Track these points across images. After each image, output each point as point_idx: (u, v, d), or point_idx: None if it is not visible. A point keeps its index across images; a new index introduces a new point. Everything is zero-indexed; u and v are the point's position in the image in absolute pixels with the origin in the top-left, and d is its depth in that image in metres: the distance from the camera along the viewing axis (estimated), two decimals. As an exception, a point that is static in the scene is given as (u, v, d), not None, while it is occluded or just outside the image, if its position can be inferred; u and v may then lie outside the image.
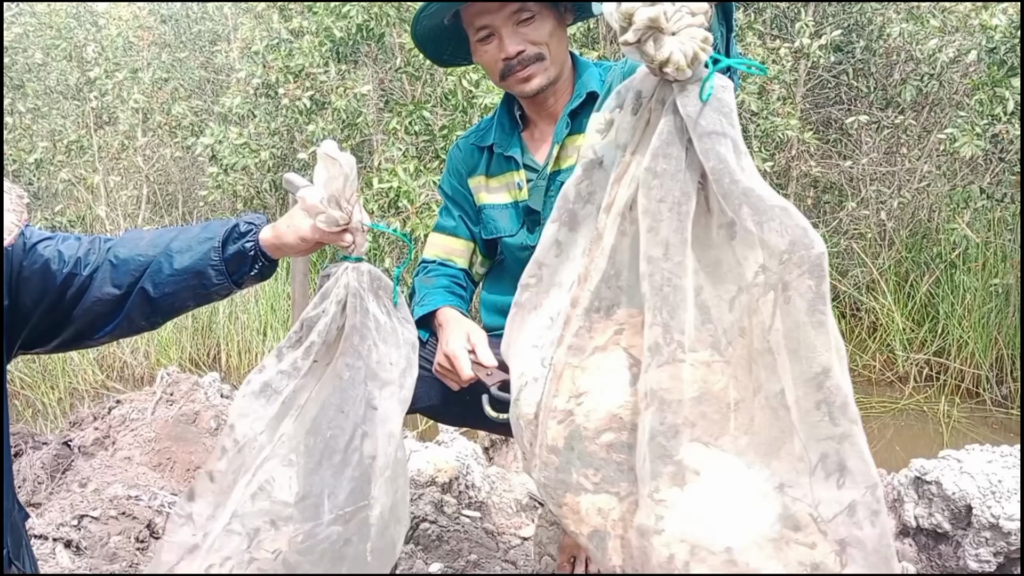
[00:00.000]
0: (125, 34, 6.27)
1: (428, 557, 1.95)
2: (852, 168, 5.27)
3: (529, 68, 1.58)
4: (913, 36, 4.77)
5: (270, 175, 5.78)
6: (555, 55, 1.60)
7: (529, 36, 1.57)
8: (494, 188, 1.75)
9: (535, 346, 1.11)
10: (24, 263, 1.22)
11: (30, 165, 5.48)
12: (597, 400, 1.02)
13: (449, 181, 1.82)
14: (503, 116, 1.74)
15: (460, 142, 1.82)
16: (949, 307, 4.72)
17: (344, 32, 4.89)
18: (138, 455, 2.44)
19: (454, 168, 1.80)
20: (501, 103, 1.76)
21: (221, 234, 1.28)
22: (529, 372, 1.11)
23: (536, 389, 1.09)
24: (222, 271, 1.27)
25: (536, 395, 1.08)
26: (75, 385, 4.43)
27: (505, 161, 1.72)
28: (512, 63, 1.57)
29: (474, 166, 1.77)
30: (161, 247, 1.28)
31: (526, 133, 1.72)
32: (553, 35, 1.59)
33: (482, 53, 1.62)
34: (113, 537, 2.02)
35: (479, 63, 1.67)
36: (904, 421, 4.30)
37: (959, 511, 2.11)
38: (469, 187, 1.78)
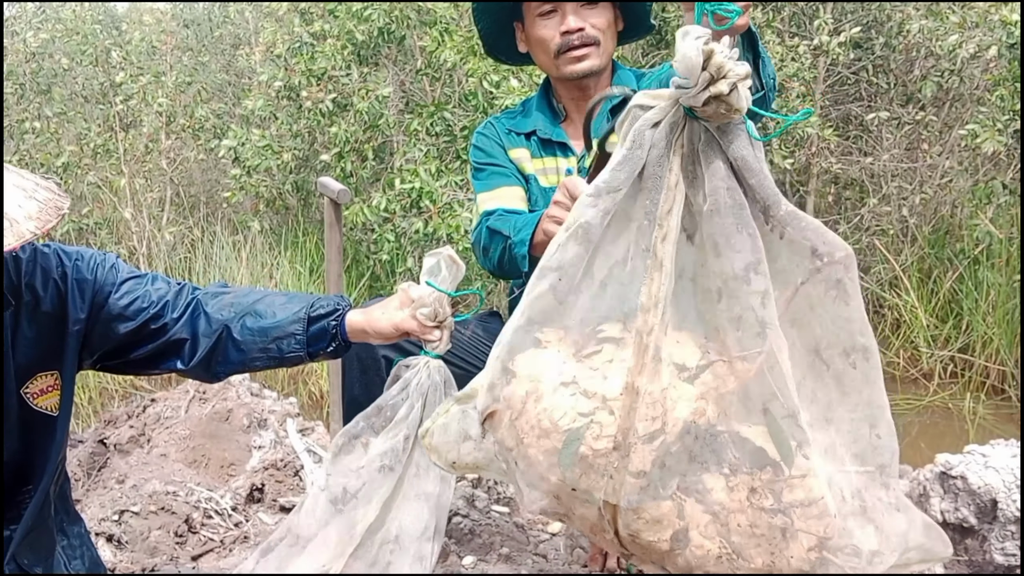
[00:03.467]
0: (149, 39, 6.36)
1: (461, 550, 1.99)
2: (873, 164, 5.26)
3: (585, 48, 1.65)
4: (933, 32, 4.75)
5: (292, 176, 5.85)
6: (606, 47, 1.68)
7: (590, 19, 1.65)
8: (538, 169, 1.77)
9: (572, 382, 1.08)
10: (112, 296, 1.30)
11: (58, 168, 5.58)
12: (673, 414, 1.05)
13: (488, 152, 1.81)
14: (543, 106, 1.78)
15: (491, 123, 1.83)
16: (973, 303, 4.70)
17: (366, 35, 4.94)
18: (173, 452, 2.49)
19: (491, 143, 1.81)
20: (539, 95, 1.81)
21: (308, 308, 1.35)
22: (577, 409, 1.06)
23: (606, 423, 1.05)
24: (302, 342, 1.34)
25: (609, 429, 1.04)
26: (104, 385, 4.51)
27: (549, 146, 1.76)
28: (571, 38, 1.65)
29: (513, 144, 1.80)
30: (246, 305, 1.36)
31: (565, 123, 1.76)
32: (608, 29, 1.68)
33: (541, 27, 1.68)
34: (153, 532, 2.07)
35: (534, 39, 1.71)
36: (929, 418, 4.29)
37: (984, 505, 2.12)
38: (511, 158, 1.80)
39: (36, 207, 1.06)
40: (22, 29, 6.07)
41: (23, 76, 6.01)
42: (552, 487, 1.10)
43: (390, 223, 4.72)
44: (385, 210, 4.61)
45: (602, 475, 1.05)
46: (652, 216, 1.05)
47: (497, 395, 1.13)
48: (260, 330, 1.33)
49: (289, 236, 6.07)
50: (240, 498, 2.32)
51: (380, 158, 5.37)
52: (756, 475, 1.05)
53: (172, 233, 5.86)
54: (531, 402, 1.09)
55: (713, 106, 0.98)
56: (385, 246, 4.70)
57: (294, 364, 1.40)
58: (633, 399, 1.04)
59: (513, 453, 1.12)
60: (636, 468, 1.04)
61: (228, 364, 1.36)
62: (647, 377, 1.04)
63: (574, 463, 1.06)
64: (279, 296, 1.39)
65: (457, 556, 1.97)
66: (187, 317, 1.33)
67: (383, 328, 1.35)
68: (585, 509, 1.09)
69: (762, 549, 1.05)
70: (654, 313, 1.05)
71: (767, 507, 1.04)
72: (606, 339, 1.08)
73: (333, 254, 2.17)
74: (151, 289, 1.33)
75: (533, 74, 4.43)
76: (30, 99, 6.03)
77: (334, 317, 1.35)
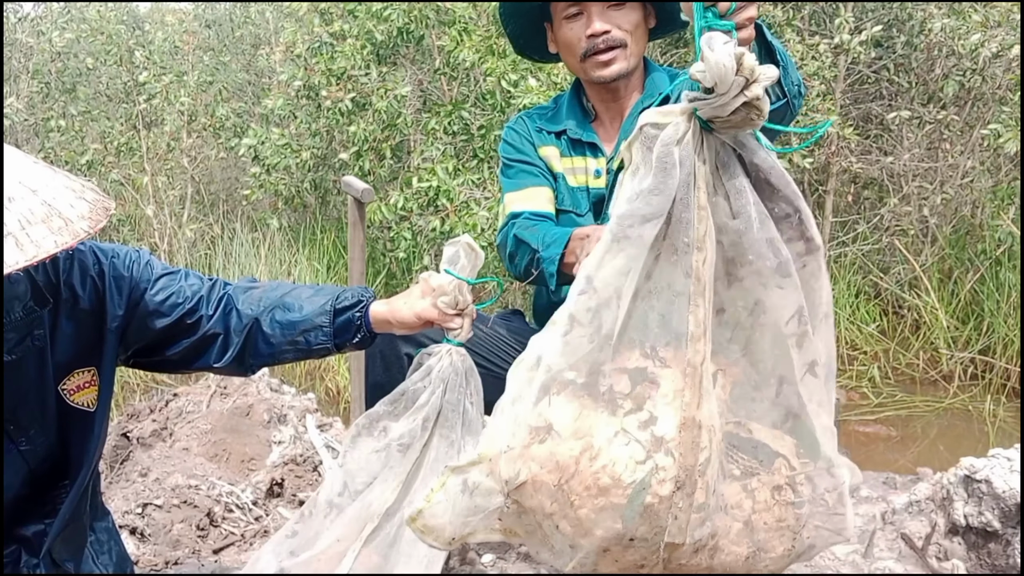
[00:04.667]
0: (171, 39, 6.43)
1: (480, 548, 2.00)
2: (893, 164, 5.22)
3: (611, 52, 1.63)
4: (955, 31, 4.71)
5: (310, 175, 5.89)
6: (634, 48, 1.65)
7: (617, 21, 1.63)
8: (567, 168, 1.76)
9: (621, 431, 1.01)
10: (148, 292, 1.33)
11: (82, 166, 5.65)
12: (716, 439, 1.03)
13: (518, 148, 1.79)
14: (574, 105, 1.77)
15: (522, 120, 1.82)
16: (994, 304, 4.65)
17: (385, 35, 4.97)
18: (195, 446, 2.52)
19: (522, 139, 1.80)
20: (570, 94, 1.79)
21: (334, 300, 1.37)
22: (635, 459, 1.00)
23: (666, 466, 0.99)
24: (329, 334, 1.36)
25: (671, 471, 0.99)
26: (127, 379, 4.56)
27: (579, 146, 1.75)
28: (597, 42, 1.63)
29: (543, 142, 1.78)
30: (275, 299, 1.38)
31: (595, 124, 1.76)
32: (637, 29, 1.65)
33: (567, 30, 1.66)
34: (176, 525, 2.10)
35: (561, 41, 1.70)
36: (948, 420, 4.25)
37: (1009, 509, 2.11)
38: (540, 155, 1.78)
39: (87, 207, 1.07)
40: (48, 29, 6.15)
41: (49, 75, 6.09)
42: (601, 542, 1.02)
43: (407, 221, 4.74)
44: (402, 208, 4.63)
45: (665, 518, 1.00)
46: (689, 239, 1.00)
47: (532, 460, 1.04)
48: (288, 323, 1.35)
49: (307, 234, 6.12)
50: (260, 492, 2.34)
51: (398, 157, 5.39)
52: (776, 472, 1.06)
53: (193, 230, 5.92)
54: (585, 461, 1.01)
55: (743, 112, 0.96)
56: (402, 244, 4.72)
57: (322, 356, 1.42)
58: (695, 434, 0.99)
59: (554, 517, 1.04)
60: (699, 503, 1.00)
61: (259, 357, 1.38)
62: (703, 409, 1.00)
63: (639, 514, 0.99)
64: (306, 289, 1.41)
65: (476, 554, 1.99)
66: (220, 313, 1.36)
67: (406, 317, 1.35)
68: (635, 555, 1.04)
69: (785, 538, 1.06)
70: (704, 341, 1.00)
71: (793, 500, 1.05)
72: (651, 376, 1.01)
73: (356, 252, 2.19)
74: (185, 285, 1.35)
75: (551, 73, 4.43)
76: (55, 98, 6.12)
77: (359, 308, 1.37)
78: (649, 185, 1.00)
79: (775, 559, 1.08)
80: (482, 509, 1.09)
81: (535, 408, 1.04)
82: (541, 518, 1.05)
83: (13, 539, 1.29)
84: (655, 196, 0.99)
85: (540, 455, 1.03)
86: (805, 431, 1.05)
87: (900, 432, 4.11)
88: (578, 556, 1.04)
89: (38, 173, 1.07)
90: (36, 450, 1.26)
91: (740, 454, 1.07)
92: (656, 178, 0.99)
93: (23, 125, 6.19)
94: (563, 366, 1.03)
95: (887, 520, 2.31)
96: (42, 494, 1.30)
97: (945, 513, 2.23)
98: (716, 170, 1.02)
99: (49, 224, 1.02)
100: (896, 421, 4.20)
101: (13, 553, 1.29)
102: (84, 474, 1.32)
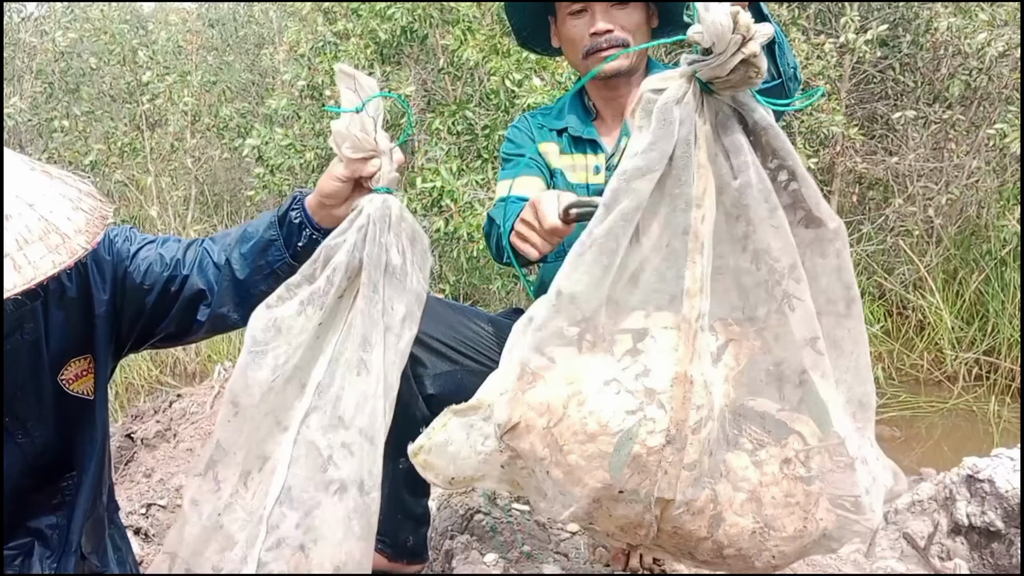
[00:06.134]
0: (175, 39, 6.44)
1: (483, 547, 2.00)
2: (898, 164, 5.21)
3: (613, 50, 1.64)
4: (961, 30, 4.69)
5: (314, 175, 5.89)
6: (636, 47, 1.66)
7: (620, 20, 1.64)
8: (567, 164, 1.78)
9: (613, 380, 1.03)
10: (129, 268, 1.31)
11: (86, 167, 5.66)
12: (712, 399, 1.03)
13: (518, 144, 1.81)
14: (576, 104, 1.79)
15: (525, 119, 1.85)
16: (999, 305, 4.63)
17: (388, 34, 4.97)
18: (199, 447, 2.53)
19: (523, 136, 1.82)
20: (572, 93, 1.82)
21: (277, 211, 1.33)
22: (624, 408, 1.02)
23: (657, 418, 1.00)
24: (280, 245, 1.30)
25: (661, 424, 1.00)
26: (131, 380, 4.58)
27: (580, 143, 1.77)
28: (600, 40, 1.64)
29: (544, 138, 1.80)
30: (238, 234, 1.35)
31: (597, 122, 1.77)
32: (639, 29, 1.67)
33: (571, 27, 1.68)
34: (180, 524, 2.11)
35: (564, 37, 1.71)
36: (952, 421, 4.24)
37: (1012, 509, 2.10)
38: (539, 151, 1.80)
39: (84, 219, 1.06)
40: (51, 29, 6.17)
41: (52, 75, 6.11)
42: (591, 492, 1.04)
43: (412, 221, 4.73)
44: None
45: (654, 472, 1.01)
46: (687, 197, 1.02)
47: (524, 403, 1.06)
48: (249, 251, 1.31)
49: (311, 234, 6.11)
50: (264, 493, 2.35)
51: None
52: (787, 446, 1.06)
53: (197, 231, 5.93)
54: (573, 406, 1.03)
55: (741, 71, 0.98)
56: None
57: (288, 272, 1.28)
58: (687, 389, 1.00)
59: (545, 462, 1.06)
60: (690, 460, 1.01)
61: (241, 301, 1.32)
62: (696, 365, 1.01)
63: (625, 464, 1.01)
64: (266, 214, 1.36)
65: (479, 553, 1.99)
66: (197, 269, 1.32)
67: (329, 188, 1.24)
68: (627, 509, 1.05)
69: (795, 516, 1.06)
70: (700, 297, 1.02)
71: (802, 475, 1.05)
72: (645, 329, 1.03)
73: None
74: (163, 252, 1.33)
75: (556, 72, 4.43)
76: (59, 98, 6.13)
77: (294, 205, 1.30)
78: (648, 141, 1.03)
79: (785, 539, 1.07)
80: (480, 452, 1.11)
81: (529, 354, 1.07)
82: (534, 463, 1.07)
83: (25, 531, 1.29)
84: (652, 151, 1.02)
85: (532, 399, 1.06)
86: (816, 402, 1.06)
87: (904, 432, 4.10)
88: (572, 506, 1.06)
89: (35, 182, 1.06)
90: (34, 442, 1.26)
91: (752, 427, 1.07)
92: (655, 134, 1.02)
93: (27, 125, 6.21)
94: (560, 318, 1.06)
95: (890, 520, 2.30)
96: (47, 486, 1.30)
97: (948, 513, 2.23)
98: (716, 131, 1.04)
99: (46, 241, 1.01)
100: (900, 421, 4.19)
101: (26, 545, 1.29)
102: (93, 464, 1.32)
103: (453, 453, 1.13)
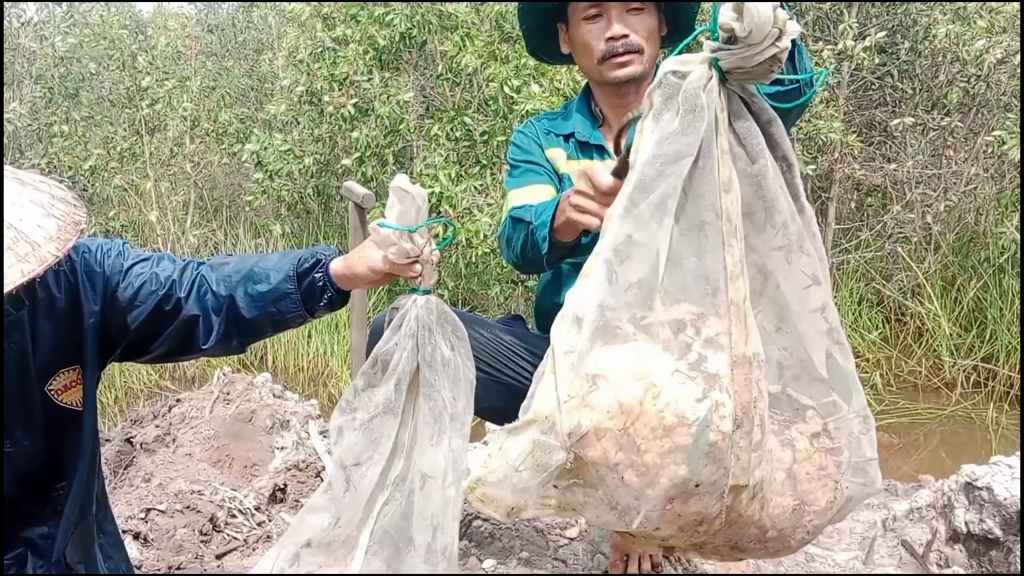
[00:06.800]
0: (174, 44, 6.46)
1: (481, 553, 2.00)
2: (897, 171, 5.22)
3: (628, 55, 1.64)
4: (959, 37, 4.71)
5: (313, 181, 5.91)
6: (649, 55, 1.67)
7: (635, 26, 1.64)
8: (574, 169, 1.77)
9: (676, 371, 1.00)
10: (120, 284, 1.31)
11: (85, 172, 5.67)
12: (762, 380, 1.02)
13: (525, 150, 1.81)
14: (583, 110, 1.79)
15: (531, 124, 1.84)
16: (998, 312, 4.64)
17: (387, 40, 4.98)
18: (198, 452, 2.52)
19: (529, 141, 1.81)
20: (579, 99, 1.81)
21: (297, 263, 1.34)
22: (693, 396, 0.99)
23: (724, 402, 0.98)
24: (297, 300, 1.33)
25: (728, 408, 0.98)
26: (131, 384, 4.57)
27: (587, 149, 1.76)
28: (616, 45, 1.63)
29: (551, 144, 1.80)
30: (245, 272, 1.35)
31: (603, 128, 1.77)
32: (652, 36, 1.67)
33: (585, 31, 1.67)
34: (179, 530, 2.10)
35: (578, 42, 1.70)
36: (951, 428, 4.25)
37: (1010, 517, 2.10)
38: (547, 156, 1.79)
39: (55, 225, 1.04)
40: (51, 34, 6.18)
41: (52, 80, 6.12)
42: (664, 491, 1.00)
43: (410, 227, 4.74)
44: (405, 214, 4.63)
45: (728, 459, 0.98)
46: (714, 181, 1.01)
47: (591, 408, 1.01)
48: (259, 295, 1.32)
49: (310, 239, 6.13)
50: (263, 498, 2.34)
51: (400, 163, 5.41)
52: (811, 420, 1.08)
53: (196, 236, 5.94)
54: (649, 401, 0.99)
55: (767, 64, 0.98)
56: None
57: (300, 323, 1.37)
58: (747, 371, 0.99)
59: (620, 467, 1.01)
60: (756, 440, 0.99)
61: (243, 335, 1.35)
62: (751, 345, 1.00)
63: (704, 454, 0.98)
64: (273, 256, 1.37)
65: (477, 559, 1.99)
66: (195, 294, 1.33)
67: (363, 273, 1.31)
68: (699, 504, 1.01)
69: (827, 488, 1.08)
70: (743, 279, 1.01)
71: (830, 447, 1.06)
72: (694, 315, 1.02)
73: (356, 258, 2.19)
74: (158, 271, 1.33)
75: (554, 79, 4.45)
76: (58, 103, 6.14)
77: (319, 268, 1.33)
78: (677, 127, 1.01)
79: (818, 512, 1.08)
80: (544, 467, 1.04)
81: (589, 357, 1.02)
82: (605, 471, 1.02)
83: (18, 541, 1.29)
84: (684, 136, 1.01)
85: (602, 402, 1.00)
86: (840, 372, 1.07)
87: (902, 439, 4.10)
88: (644, 510, 1.01)
89: (6, 190, 1.04)
90: (23, 452, 1.25)
91: (774, 408, 1.08)
92: (684, 120, 1.01)
93: (26, 131, 6.21)
94: (608, 314, 1.02)
95: (888, 527, 2.30)
96: (38, 496, 1.29)
97: (946, 520, 2.23)
98: (730, 119, 1.05)
99: (15, 250, 0.99)
100: (898, 428, 4.20)
101: (20, 555, 1.29)
102: (81, 474, 1.32)
103: (514, 478, 1.06)
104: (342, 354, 5.07)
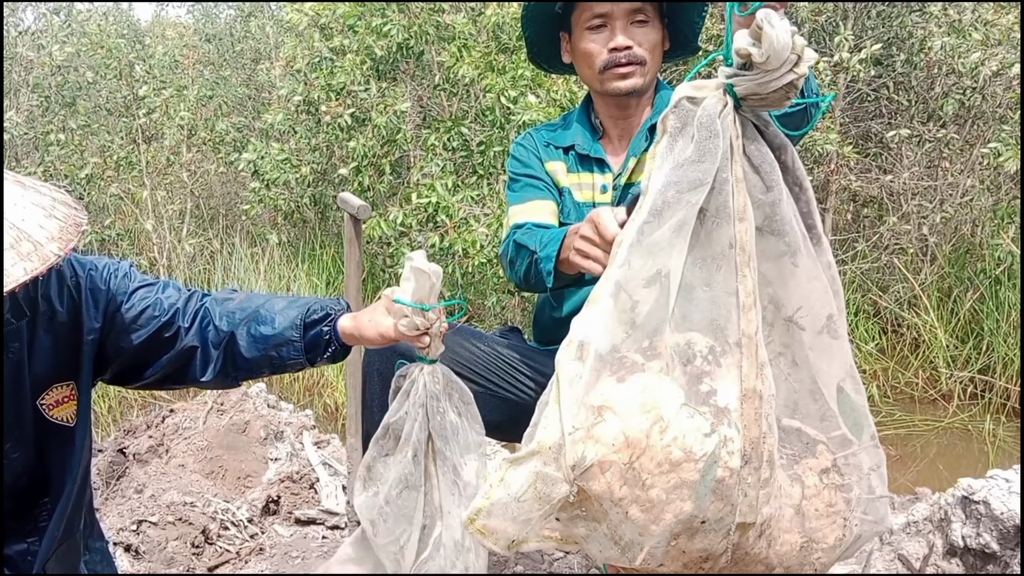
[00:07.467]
0: (171, 53, 6.46)
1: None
2: (893, 182, 5.23)
3: (631, 67, 1.63)
4: (955, 49, 4.73)
5: (310, 190, 5.91)
6: (651, 67, 1.67)
7: (639, 38, 1.63)
8: (573, 183, 1.76)
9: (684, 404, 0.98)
10: (124, 305, 1.31)
11: (81, 180, 5.66)
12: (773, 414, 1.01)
13: (524, 163, 1.80)
14: (582, 121, 1.78)
15: (530, 135, 1.83)
16: (994, 324, 4.64)
17: (384, 50, 4.99)
18: (191, 463, 2.51)
19: (529, 154, 1.80)
20: (579, 110, 1.80)
21: (304, 314, 1.35)
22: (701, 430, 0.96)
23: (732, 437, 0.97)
24: (300, 349, 1.34)
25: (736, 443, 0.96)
26: (124, 394, 4.55)
27: (586, 161, 1.75)
28: (619, 56, 1.63)
29: (550, 157, 1.79)
30: (250, 312, 1.36)
31: (603, 140, 1.76)
32: (655, 49, 1.66)
33: (588, 41, 1.66)
34: (171, 542, 2.08)
35: (580, 52, 1.69)
36: (947, 440, 4.24)
37: (1007, 531, 2.09)
38: (546, 169, 1.78)
39: (57, 226, 1.05)
40: (48, 42, 6.18)
41: (49, 89, 6.11)
42: (669, 527, 0.97)
43: (406, 237, 4.74)
44: (402, 224, 4.63)
45: (735, 496, 0.96)
46: (729, 210, 1.00)
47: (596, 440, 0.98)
48: (262, 338, 1.33)
49: (306, 249, 6.12)
50: (256, 510, 2.33)
51: (397, 173, 5.41)
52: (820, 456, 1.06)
53: (192, 245, 5.92)
54: (656, 434, 0.96)
55: (783, 91, 0.97)
56: (401, 260, 4.72)
57: (297, 370, 1.40)
58: (756, 405, 0.97)
59: (624, 502, 0.98)
60: (764, 477, 0.97)
61: (239, 371, 1.36)
62: (761, 379, 0.98)
63: (711, 490, 0.95)
64: (280, 301, 1.38)
65: (472, 573, 1.97)
66: (196, 326, 1.34)
67: (371, 337, 1.33)
68: (704, 540, 0.99)
69: (836, 525, 1.05)
70: (755, 311, 0.99)
71: (841, 483, 1.05)
72: (705, 347, 1.00)
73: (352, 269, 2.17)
74: (162, 297, 1.33)
75: (551, 89, 4.45)
76: (55, 111, 6.13)
77: (327, 323, 1.34)
78: (692, 154, 1.00)
79: (826, 550, 1.06)
80: (546, 500, 1.00)
81: (595, 388, 0.99)
82: (609, 506, 0.99)
83: None
84: (700, 163, 0.99)
85: (607, 434, 0.97)
86: (851, 406, 1.05)
87: (899, 451, 4.09)
88: (648, 546, 0.98)
89: (8, 192, 1.05)
90: (13, 465, 1.24)
91: (783, 442, 1.06)
92: (699, 147, 1.00)
93: (23, 139, 6.20)
94: (616, 344, 1.00)
95: (885, 540, 2.29)
96: (22, 512, 1.28)
97: (943, 534, 2.22)
98: (743, 145, 1.04)
99: (18, 249, 1.00)
100: (895, 440, 4.19)
101: None
102: (68, 491, 1.30)
103: (515, 510, 1.02)
104: (337, 365, 5.05)
